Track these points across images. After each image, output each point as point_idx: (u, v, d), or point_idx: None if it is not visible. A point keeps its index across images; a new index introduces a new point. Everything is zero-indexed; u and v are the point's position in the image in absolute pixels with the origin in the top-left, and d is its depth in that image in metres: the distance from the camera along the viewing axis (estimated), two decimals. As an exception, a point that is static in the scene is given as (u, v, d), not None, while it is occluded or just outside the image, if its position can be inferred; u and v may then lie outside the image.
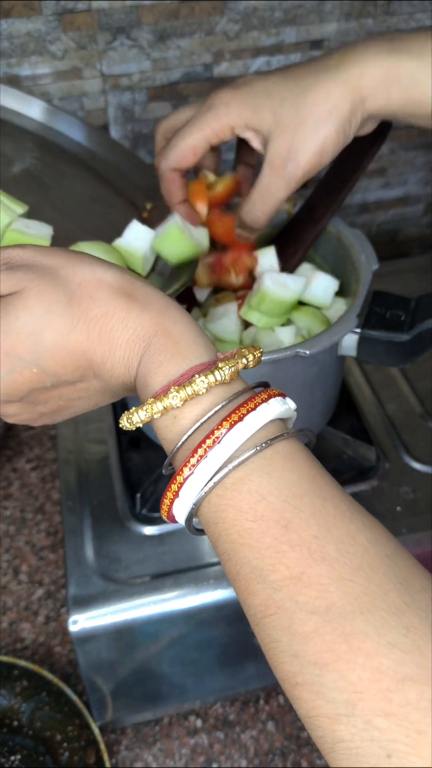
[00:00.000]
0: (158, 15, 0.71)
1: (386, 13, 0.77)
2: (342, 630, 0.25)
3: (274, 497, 0.28)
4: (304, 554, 0.26)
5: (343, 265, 0.59)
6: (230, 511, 0.28)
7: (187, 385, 0.29)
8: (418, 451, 0.62)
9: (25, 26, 0.69)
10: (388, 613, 0.25)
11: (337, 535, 0.27)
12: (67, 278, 0.32)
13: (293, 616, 0.26)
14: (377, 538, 0.28)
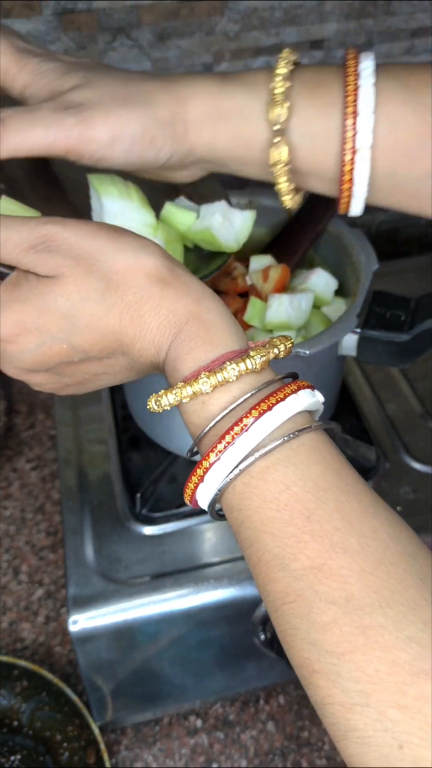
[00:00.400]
0: (158, 15, 0.71)
1: (386, 13, 0.77)
2: (360, 622, 0.25)
3: (298, 488, 0.28)
4: (326, 545, 0.27)
5: (343, 265, 0.59)
6: (254, 499, 0.28)
7: (217, 371, 0.30)
8: (418, 451, 0.62)
9: (25, 26, 0.69)
10: (407, 608, 0.25)
11: (359, 528, 0.27)
12: (106, 264, 0.32)
13: (312, 605, 0.26)
14: (399, 535, 0.28)
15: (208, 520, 0.57)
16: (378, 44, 0.79)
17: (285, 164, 0.39)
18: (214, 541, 0.55)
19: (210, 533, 0.56)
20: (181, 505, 0.57)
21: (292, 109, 0.38)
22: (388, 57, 0.80)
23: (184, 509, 0.57)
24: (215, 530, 0.56)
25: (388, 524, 0.28)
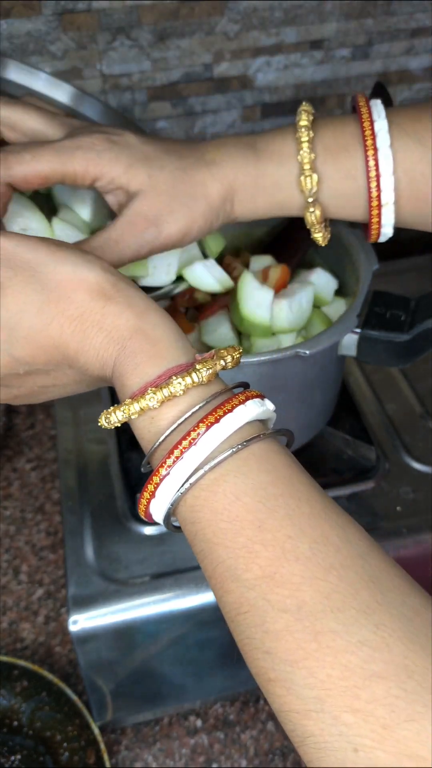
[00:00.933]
0: (158, 15, 0.71)
1: (386, 13, 0.77)
2: (312, 628, 0.25)
3: (249, 498, 0.28)
4: (278, 554, 0.27)
5: (343, 265, 0.59)
6: (206, 511, 0.29)
7: (164, 386, 0.30)
8: (418, 451, 0.62)
9: (25, 26, 0.69)
10: (358, 612, 0.25)
11: (311, 534, 0.27)
12: (47, 277, 0.32)
13: (265, 614, 0.27)
14: (350, 537, 0.28)
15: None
16: (378, 44, 0.79)
17: (319, 222, 0.44)
18: (214, 541, 0.55)
19: (210, 533, 0.56)
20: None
21: (320, 179, 0.42)
22: (388, 57, 0.80)
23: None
24: (215, 530, 0.56)
25: (338, 528, 0.28)
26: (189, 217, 0.43)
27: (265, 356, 0.48)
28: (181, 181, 0.43)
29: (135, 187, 0.42)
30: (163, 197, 0.42)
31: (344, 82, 0.81)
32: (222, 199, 0.43)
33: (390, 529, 0.56)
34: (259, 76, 0.78)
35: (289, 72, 0.79)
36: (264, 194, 0.44)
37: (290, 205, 0.44)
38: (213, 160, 0.43)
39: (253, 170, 0.43)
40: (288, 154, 0.43)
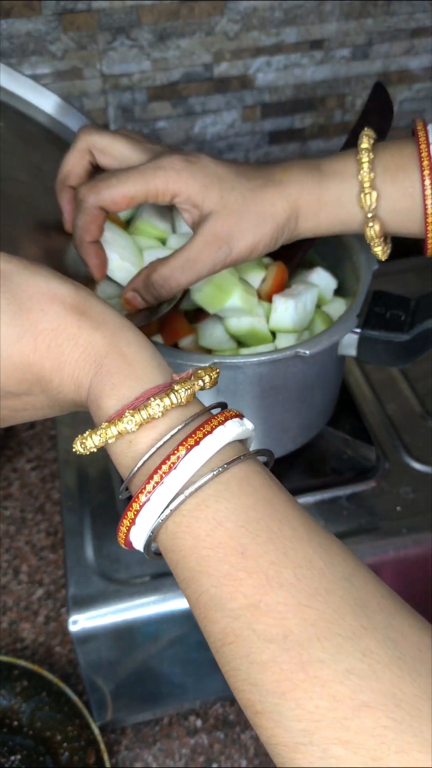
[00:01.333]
0: (158, 15, 0.71)
1: (386, 13, 0.77)
2: (299, 658, 0.25)
3: (231, 523, 0.27)
4: (262, 581, 0.26)
5: (343, 265, 0.59)
6: (187, 538, 0.28)
7: (142, 408, 0.29)
8: (418, 451, 0.62)
9: (25, 26, 0.69)
10: (344, 639, 0.25)
11: (294, 559, 0.27)
12: (20, 287, 0.31)
13: (251, 644, 0.26)
14: (334, 559, 0.28)
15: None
16: (378, 44, 0.79)
17: (378, 237, 0.47)
18: (214, 541, 0.55)
19: (210, 533, 0.56)
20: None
21: (379, 196, 0.45)
22: (388, 57, 0.80)
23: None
24: (215, 530, 0.56)
25: (322, 550, 0.28)
26: (258, 235, 0.46)
27: (265, 356, 0.48)
28: (251, 201, 0.46)
29: (208, 208, 0.45)
30: (233, 217, 0.45)
31: (344, 82, 0.81)
32: (287, 216, 0.46)
33: (390, 529, 0.56)
34: (259, 76, 0.78)
35: (289, 72, 0.79)
36: (326, 211, 0.47)
37: (351, 221, 0.47)
38: (281, 181, 0.46)
39: (317, 189, 0.46)
40: (349, 173, 0.46)
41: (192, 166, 0.46)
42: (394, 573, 0.56)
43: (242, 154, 0.83)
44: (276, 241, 0.47)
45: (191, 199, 0.46)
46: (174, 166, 0.45)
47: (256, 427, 0.54)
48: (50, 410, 0.34)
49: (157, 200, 0.46)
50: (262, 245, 0.47)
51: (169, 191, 0.45)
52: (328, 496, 0.58)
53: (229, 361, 0.48)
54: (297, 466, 0.59)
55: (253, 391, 0.51)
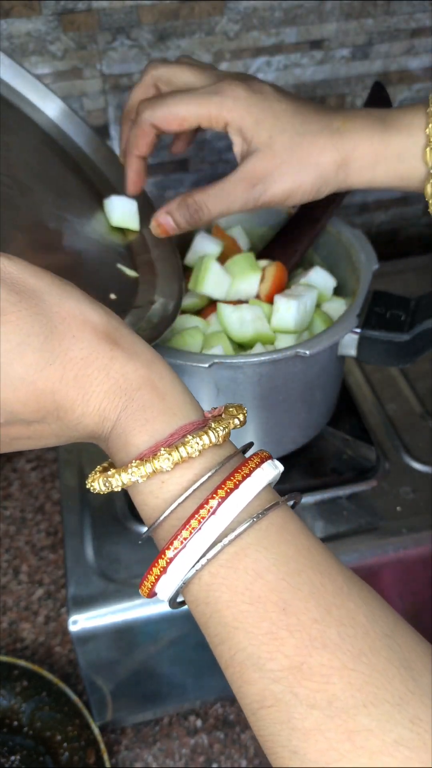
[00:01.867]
0: (158, 15, 0.71)
1: (386, 13, 0.77)
2: (345, 727, 0.23)
3: (272, 575, 0.26)
4: (305, 641, 0.25)
5: (343, 265, 0.59)
6: (224, 591, 0.26)
7: (179, 446, 0.27)
8: (418, 450, 0.62)
9: (25, 26, 0.69)
10: (392, 705, 0.23)
11: (337, 616, 0.25)
12: (52, 309, 0.28)
13: (293, 710, 0.24)
14: (375, 613, 0.26)
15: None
16: (378, 44, 0.79)
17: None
18: (214, 541, 0.55)
19: (210, 533, 0.56)
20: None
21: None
22: (388, 57, 0.80)
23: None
24: (215, 530, 0.56)
25: (363, 604, 0.26)
26: (296, 182, 0.45)
27: (265, 356, 0.48)
28: (299, 147, 0.45)
29: (255, 145, 0.46)
30: (277, 159, 0.45)
31: (344, 82, 0.81)
32: (336, 167, 0.45)
33: (390, 529, 0.56)
34: (260, 76, 0.78)
35: (289, 72, 0.79)
36: (385, 164, 0.45)
37: (411, 176, 0.45)
38: (338, 129, 0.45)
39: (377, 140, 0.45)
40: (417, 126, 0.44)
41: (252, 96, 0.45)
42: (393, 573, 0.56)
43: (242, 154, 0.84)
44: (318, 191, 0.47)
45: (242, 131, 0.46)
46: (233, 93, 0.45)
47: (257, 427, 0.54)
48: (55, 440, 0.31)
49: (211, 126, 0.46)
50: (300, 192, 0.46)
51: (222, 118, 0.46)
52: (328, 496, 0.58)
53: (229, 361, 0.48)
54: (297, 466, 0.59)
55: (254, 391, 0.51)
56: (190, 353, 0.48)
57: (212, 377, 0.49)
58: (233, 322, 0.54)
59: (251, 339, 0.54)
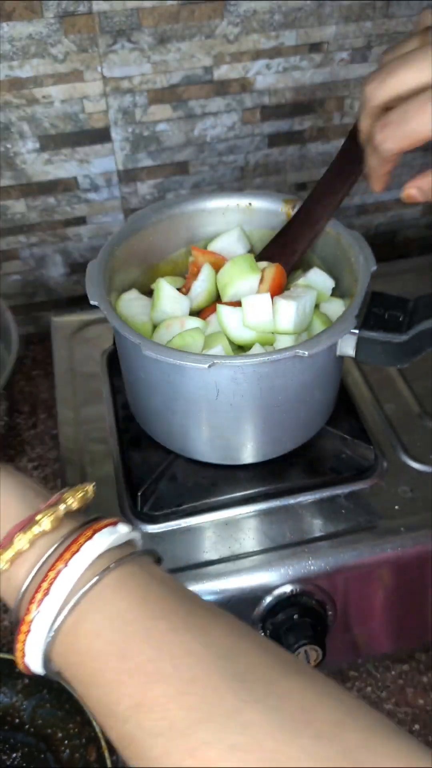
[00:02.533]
0: (158, 18, 0.72)
1: (385, 16, 0.77)
2: (186, 746, 0.26)
3: (108, 631, 0.29)
4: (143, 680, 0.27)
5: (342, 266, 0.59)
6: (73, 655, 0.29)
7: (8, 547, 0.30)
8: (416, 450, 0.62)
9: (27, 29, 0.70)
10: (226, 717, 0.26)
11: (170, 651, 0.28)
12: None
13: (144, 743, 0.27)
14: (213, 640, 0.28)
15: (209, 518, 0.57)
16: (377, 47, 0.80)
17: None
18: (215, 540, 0.56)
19: (210, 531, 0.57)
20: (181, 504, 0.57)
21: None
22: (387, 59, 0.81)
23: (185, 507, 0.57)
24: (216, 528, 0.57)
25: (199, 634, 0.28)
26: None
27: (264, 357, 0.48)
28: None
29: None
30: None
31: (343, 85, 0.82)
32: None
33: (388, 528, 0.56)
34: (259, 78, 0.79)
35: (288, 74, 0.79)
36: None
37: None
38: None
39: None
40: None
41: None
42: (392, 572, 0.56)
43: (242, 157, 0.84)
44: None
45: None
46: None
47: (256, 427, 0.55)
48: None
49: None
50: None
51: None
52: (326, 495, 0.58)
53: (228, 361, 0.49)
54: (296, 466, 0.60)
55: (253, 392, 0.51)
56: (190, 353, 0.49)
57: (212, 377, 0.50)
58: (232, 324, 0.55)
59: (250, 340, 0.55)
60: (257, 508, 0.58)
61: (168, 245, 0.64)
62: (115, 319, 0.51)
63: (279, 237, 0.63)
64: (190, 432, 0.56)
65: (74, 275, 0.90)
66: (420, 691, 0.62)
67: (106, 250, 0.58)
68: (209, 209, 0.64)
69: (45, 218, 0.84)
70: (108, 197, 0.84)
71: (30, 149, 0.78)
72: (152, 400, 0.56)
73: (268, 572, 0.53)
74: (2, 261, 0.87)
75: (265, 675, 0.27)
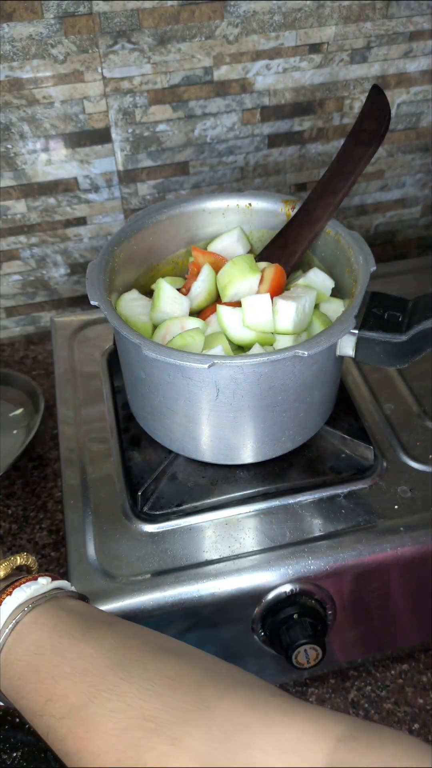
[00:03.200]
0: (159, 18, 0.72)
1: (384, 17, 0.78)
2: (82, 721, 0.34)
3: (25, 655, 0.38)
4: (49, 682, 0.36)
5: (342, 267, 0.59)
6: (5, 680, 0.38)
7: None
8: (416, 449, 0.62)
9: (27, 29, 0.70)
10: (108, 692, 0.34)
11: (69, 657, 0.36)
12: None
13: (55, 728, 0.35)
14: (102, 641, 0.37)
15: (209, 518, 0.58)
16: (376, 47, 0.80)
17: None
18: (215, 539, 0.56)
19: (210, 531, 0.57)
20: (181, 504, 0.58)
21: None
22: (387, 60, 0.81)
23: (184, 507, 0.58)
24: (215, 528, 0.57)
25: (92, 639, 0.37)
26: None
27: (263, 357, 0.48)
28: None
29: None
30: None
31: (342, 86, 0.82)
32: None
33: (388, 527, 0.56)
34: (259, 79, 0.79)
35: (288, 75, 0.80)
36: None
37: None
38: None
39: None
40: None
41: None
42: (391, 571, 0.57)
43: (242, 157, 0.84)
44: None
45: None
46: None
47: (256, 427, 0.55)
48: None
49: None
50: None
51: None
52: (326, 495, 0.59)
53: (228, 361, 0.49)
54: (296, 465, 0.60)
55: (253, 391, 0.51)
56: (190, 353, 0.49)
57: (212, 377, 0.50)
58: (232, 324, 0.55)
59: (250, 340, 0.55)
60: (257, 507, 0.58)
61: (168, 246, 0.65)
62: (116, 319, 0.51)
63: (279, 237, 0.63)
64: (190, 432, 0.56)
65: (74, 275, 0.91)
66: (419, 690, 0.62)
67: (106, 251, 0.58)
68: (209, 210, 0.65)
69: (45, 218, 0.84)
70: (108, 198, 0.84)
71: (30, 150, 0.78)
72: (152, 400, 0.56)
73: (267, 572, 0.54)
74: (2, 261, 0.87)
75: (141, 659, 0.36)
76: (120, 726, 0.33)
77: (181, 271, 0.66)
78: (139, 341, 0.49)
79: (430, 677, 0.63)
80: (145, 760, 0.31)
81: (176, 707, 0.33)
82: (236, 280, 0.57)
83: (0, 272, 0.88)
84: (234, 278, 0.58)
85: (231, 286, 0.58)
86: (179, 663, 0.36)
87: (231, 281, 0.58)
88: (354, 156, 0.59)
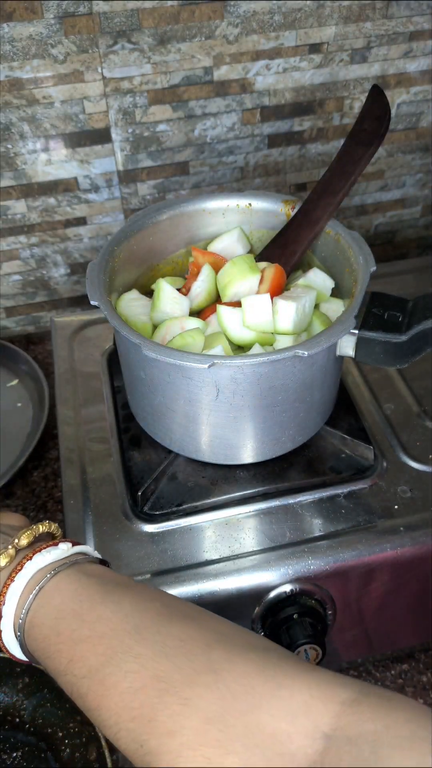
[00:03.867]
0: (159, 19, 0.72)
1: (384, 17, 0.78)
2: (100, 680, 0.36)
3: (48, 619, 0.40)
4: (70, 644, 0.38)
5: (342, 267, 0.59)
6: (31, 641, 0.40)
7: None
8: (416, 449, 0.62)
9: (27, 29, 0.70)
10: (123, 654, 0.36)
11: (89, 620, 0.38)
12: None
13: (79, 688, 0.37)
14: (120, 607, 0.39)
15: (209, 518, 0.58)
16: (376, 47, 0.80)
17: None
18: (215, 539, 0.56)
19: (210, 531, 0.57)
20: (181, 504, 0.58)
21: None
22: (386, 60, 0.81)
23: (184, 507, 0.58)
24: (216, 528, 0.57)
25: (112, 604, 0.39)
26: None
27: (264, 357, 0.48)
28: None
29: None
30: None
31: (342, 86, 0.82)
32: None
33: (387, 527, 0.56)
34: (259, 79, 0.79)
35: (288, 75, 0.80)
36: None
37: None
38: None
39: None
40: None
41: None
42: (391, 571, 0.57)
43: (242, 157, 0.84)
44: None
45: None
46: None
47: (256, 427, 0.55)
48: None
49: None
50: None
51: None
52: (326, 495, 0.59)
53: (228, 361, 0.49)
54: (296, 465, 0.60)
55: (253, 391, 0.51)
56: (190, 353, 0.49)
57: (212, 377, 0.50)
58: (232, 324, 0.55)
59: (250, 340, 0.55)
60: (257, 507, 0.58)
61: (168, 246, 0.65)
62: (116, 319, 0.52)
63: (279, 237, 0.63)
64: (190, 432, 0.56)
65: (74, 275, 0.91)
66: (420, 690, 0.62)
67: (106, 251, 0.58)
68: (209, 210, 0.65)
69: (45, 218, 0.84)
70: (108, 198, 0.84)
71: (30, 150, 0.78)
72: (152, 400, 0.56)
73: (267, 572, 0.54)
74: (2, 261, 0.87)
75: (156, 622, 0.38)
76: (135, 686, 0.35)
77: (181, 271, 0.66)
78: (139, 341, 0.49)
79: (430, 677, 0.63)
80: (158, 717, 0.33)
81: (186, 668, 0.34)
82: (236, 280, 0.57)
83: (0, 272, 0.88)
84: (234, 278, 0.58)
85: (231, 286, 0.58)
86: (190, 626, 0.37)
87: (231, 281, 0.58)
88: (354, 156, 0.59)
